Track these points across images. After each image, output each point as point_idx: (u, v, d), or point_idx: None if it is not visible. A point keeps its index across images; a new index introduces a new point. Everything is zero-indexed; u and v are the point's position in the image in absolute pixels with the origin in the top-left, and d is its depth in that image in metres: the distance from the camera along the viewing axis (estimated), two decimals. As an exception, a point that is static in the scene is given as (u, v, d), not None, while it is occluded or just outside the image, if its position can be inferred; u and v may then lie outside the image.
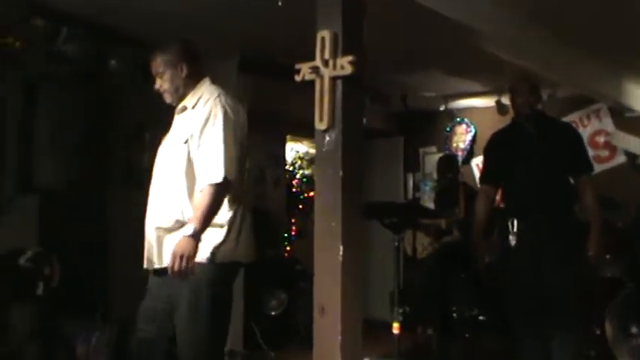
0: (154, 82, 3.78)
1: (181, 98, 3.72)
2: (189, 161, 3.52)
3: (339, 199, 2.89)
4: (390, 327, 5.10)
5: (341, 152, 2.90)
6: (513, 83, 4.78)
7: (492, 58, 5.44)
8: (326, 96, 2.94)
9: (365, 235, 3.16)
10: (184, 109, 3.69)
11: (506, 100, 7.46)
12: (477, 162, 8.20)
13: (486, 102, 8.08)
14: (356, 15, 3.08)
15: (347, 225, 2.88)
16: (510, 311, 4.68)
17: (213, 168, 3.41)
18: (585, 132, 7.44)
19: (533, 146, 4.61)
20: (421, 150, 8.95)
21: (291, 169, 9.01)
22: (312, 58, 3.02)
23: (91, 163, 5.96)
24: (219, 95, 3.58)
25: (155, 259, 3.65)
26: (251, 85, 6.31)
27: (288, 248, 8.17)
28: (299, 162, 9.22)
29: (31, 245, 5.10)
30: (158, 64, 3.72)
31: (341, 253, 2.85)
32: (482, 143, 7.91)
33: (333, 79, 2.95)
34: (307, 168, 9.20)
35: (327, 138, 2.95)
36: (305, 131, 7.97)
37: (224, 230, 3.53)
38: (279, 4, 4.06)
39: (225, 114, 3.51)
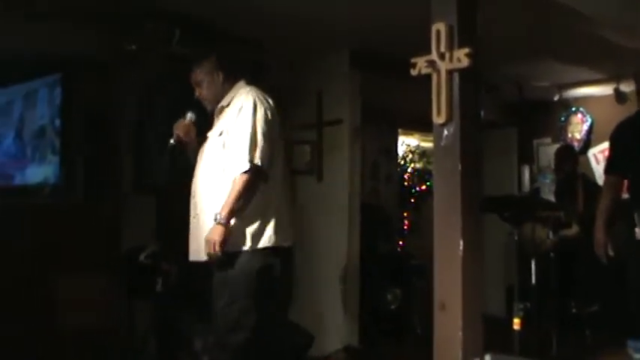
0: (193, 92, 4.06)
1: (219, 102, 3.99)
2: (223, 153, 3.78)
3: (458, 193, 2.88)
4: (506, 322, 5.03)
5: (460, 145, 2.89)
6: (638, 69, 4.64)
7: (610, 44, 5.29)
8: (443, 89, 2.94)
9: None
10: (222, 109, 3.97)
11: (625, 88, 7.24)
12: (594, 152, 8.00)
13: (603, 90, 7.83)
14: (471, 6, 3.06)
15: (467, 219, 2.86)
16: (635, 308, 4.55)
17: (240, 157, 3.65)
18: None
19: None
20: (535, 141, 8.77)
21: (402, 162, 8.98)
22: (423, 51, 3.02)
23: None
24: (250, 90, 3.88)
25: (196, 251, 3.87)
26: (362, 79, 6.33)
27: (401, 243, 8.15)
28: (410, 155, 9.18)
29: (150, 242, 5.27)
30: (197, 75, 4.03)
31: (461, 247, 2.83)
32: (599, 133, 7.78)
33: (450, 72, 2.94)
34: (419, 161, 9.16)
35: (446, 132, 2.94)
36: (416, 124, 7.94)
37: (259, 217, 3.73)
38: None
39: (255, 105, 3.76)
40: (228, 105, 3.91)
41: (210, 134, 3.97)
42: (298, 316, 5.45)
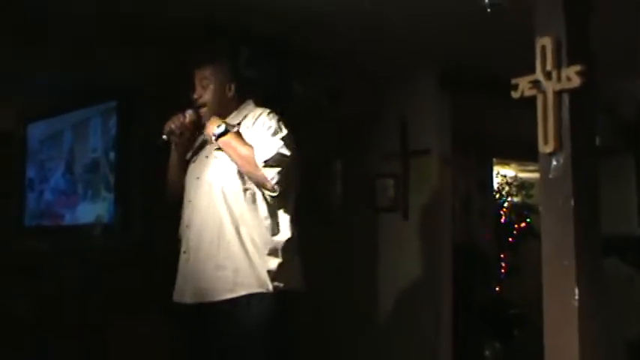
0: (193, 91, 3.90)
1: (222, 118, 3.83)
2: (242, 179, 3.66)
3: (571, 234, 2.80)
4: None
5: (572, 178, 2.82)
6: None
7: None
8: (550, 114, 2.87)
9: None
10: None
11: None
12: None
13: None
14: (582, 16, 2.99)
15: (583, 264, 2.77)
16: None
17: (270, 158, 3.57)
18: None
19: None
20: (659, 169, 8.57)
21: (497, 196, 8.85)
22: (526, 70, 2.96)
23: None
24: (271, 112, 3.78)
25: (197, 292, 3.73)
26: (453, 102, 6.27)
27: (497, 289, 8.00)
28: (507, 188, 9.05)
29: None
30: (206, 75, 3.88)
31: (577, 297, 2.74)
32: None
33: (558, 93, 2.87)
34: (516, 195, 9.02)
35: (554, 162, 2.87)
36: (513, 152, 7.84)
37: (281, 255, 3.62)
38: (488, 10, 4.01)
39: (282, 129, 3.70)
40: (238, 124, 3.80)
41: (210, 158, 3.83)
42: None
